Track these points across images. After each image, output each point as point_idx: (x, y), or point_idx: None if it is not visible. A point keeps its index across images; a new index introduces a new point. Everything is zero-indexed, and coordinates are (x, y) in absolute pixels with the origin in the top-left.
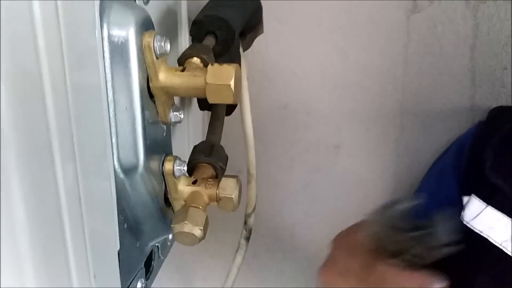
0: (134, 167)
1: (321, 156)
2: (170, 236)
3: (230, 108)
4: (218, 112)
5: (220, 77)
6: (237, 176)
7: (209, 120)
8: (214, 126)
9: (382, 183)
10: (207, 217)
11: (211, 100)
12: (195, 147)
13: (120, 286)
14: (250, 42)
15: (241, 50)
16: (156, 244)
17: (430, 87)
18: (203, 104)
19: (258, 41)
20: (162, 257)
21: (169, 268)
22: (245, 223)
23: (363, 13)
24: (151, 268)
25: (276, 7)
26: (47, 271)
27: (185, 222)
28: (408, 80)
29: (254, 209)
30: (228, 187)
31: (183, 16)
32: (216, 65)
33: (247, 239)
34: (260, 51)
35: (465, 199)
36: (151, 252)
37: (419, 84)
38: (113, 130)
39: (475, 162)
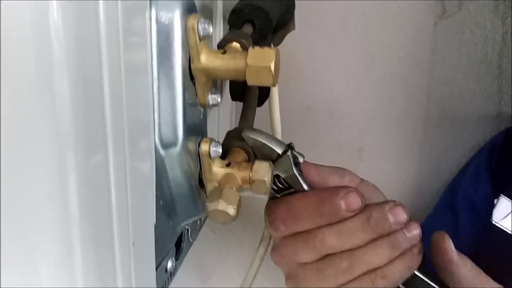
0: (173, 144)
1: (344, 158)
2: (199, 222)
3: (261, 99)
4: (250, 101)
5: (261, 59)
6: (270, 161)
7: (240, 111)
8: (246, 114)
9: (405, 187)
10: (240, 198)
11: (250, 81)
12: (228, 132)
13: (154, 257)
14: (281, 38)
15: (272, 46)
16: (186, 226)
17: (456, 93)
18: (236, 94)
19: (285, 43)
20: (191, 240)
21: (189, 264)
22: None
23: (390, 17)
24: (181, 249)
25: (303, 8)
26: (93, 237)
27: (220, 200)
28: (433, 85)
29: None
30: (261, 170)
31: (218, 9)
32: (257, 47)
33: None
34: (286, 52)
35: (495, 201)
36: (181, 233)
37: (445, 89)
38: (156, 107)
39: (505, 164)
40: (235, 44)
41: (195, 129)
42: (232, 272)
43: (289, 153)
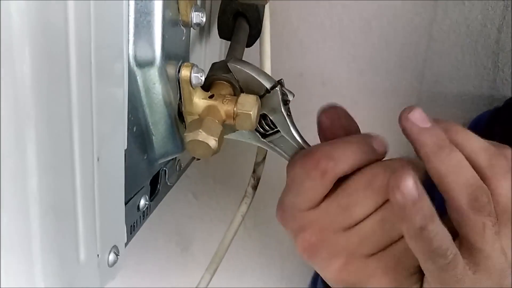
0: (150, 63)
1: None
2: (178, 166)
3: (251, 39)
4: (239, 37)
5: None
6: (257, 95)
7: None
8: (235, 48)
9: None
10: (222, 131)
11: None
12: (213, 64)
13: (123, 180)
14: None
15: None
16: (164, 168)
17: (452, 67)
18: (224, 31)
19: (278, 6)
20: (169, 183)
21: (169, 229)
22: (254, 171)
23: None
24: (157, 190)
25: None
26: (51, 154)
27: (200, 130)
28: (430, 57)
29: (264, 157)
30: (247, 103)
31: None
32: None
33: (255, 188)
34: (280, 15)
35: None
36: (158, 174)
37: (441, 62)
38: (131, 17)
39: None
40: None
41: (176, 51)
42: (213, 240)
43: (278, 88)
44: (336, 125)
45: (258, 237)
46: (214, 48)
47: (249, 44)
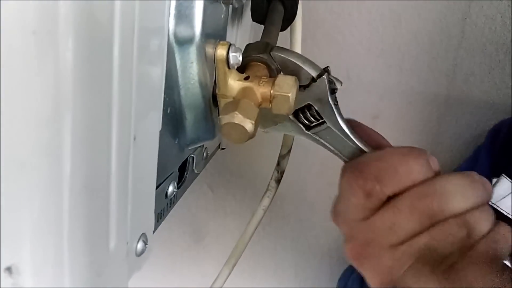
0: (190, 39)
1: None
2: (205, 154)
3: (286, 23)
4: (274, 19)
5: None
6: (295, 76)
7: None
8: (270, 30)
9: None
10: (259, 114)
11: None
12: (248, 44)
13: (156, 158)
14: None
15: None
16: (192, 155)
17: (482, 67)
18: (258, 13)
19: None
20: (195, 171)
21: (183, 220)
22: (278, 164)
23: None
24: (184, 178)
25: None
26: (88, 128)
27: (236, 112)
28: (460, 55)
29: (289, 150)
30: (285, 85)
31: None
32: None
33: (278, 181)
34: (308, 4)
35: (494, 180)
36: (186, 161)
37: (473, 60)
38: None
39: (509, 146)
40: None
41: (214, 29)
42: (227, 234)
43: (325, 76)
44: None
45: (273, 233)
46: (245, 31)
47: (283, 28)
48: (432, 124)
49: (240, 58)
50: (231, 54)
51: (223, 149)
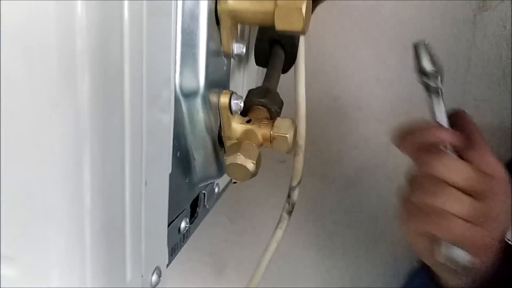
0: (194, 93)
1: (372, 153)
2: (217, 189)
3: (287, 65)
4: (275, 63)
5: (291, 2)
6: (293, 118)
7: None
8: (271, 75)
9: None
10: (260, 154)
11: (278, 25)
12: (250, 90)
13: (167, 201)
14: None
15: None
16: (203, 191)
17: (492, 92)
18: (260, 58)
19: (315, 30)
20: (207, 207)
21: (204, 252)
22: (289, 196)
23: (426, 7)
24: (196, 213)
25: None
26: (104, 177)
27: (238, 154)
28: (470, 81)
29: (299, 182)
30: (283, 126)
31: None
32: None
33: (290, 213)
34: (315, 40)
35: None
36: (198, 197)
37: (481, 87)
38: (178, 51)
39: None
40: None
41: (218, 80)
42: (247, 264)
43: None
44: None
45: (294, 264)
46: (251, 75)
47: (284, 70)
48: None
49: (241, 104)
50: (233, 102)
51: (235, 183)
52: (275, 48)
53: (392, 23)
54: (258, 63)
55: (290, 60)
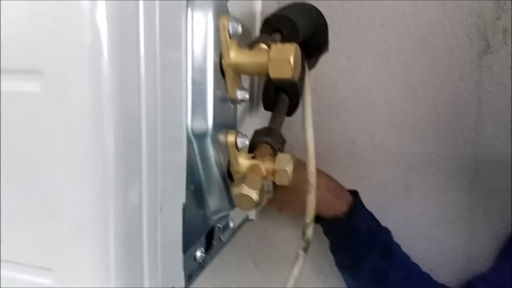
0: (204, 134)
1: (390, 194)
2: (232, 224)
3: (291, 108)
4: (280, 107)
5: (281, 53)
6: (292, 153)
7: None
8: (275, 117)
9: (455, 227)
10: (263, 185)
11: (272, 74)
12: (256, 130)
13: (181, 227)
14: (315, 61)
15: (306, 68)
16: (218, 225)
17: (506, 130)
18: (268, 103)
19: (328, 76)
20: (223, 240)
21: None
22: (304, 233)
23: (433, 52)
24: (212, 245)
25: (345, 43)
26: (126, 202)
27: (243, 185)
28: (482, 121)
29: (313, 219)
30: (283, 161)
31: (257, 18)
32: (279, 43)
33: (305, 250)
34: (328, 86)
35: None
36: (213, 230)
37: (495, 125)
38: (189, 100)
39: None
40: (262, 45)
41: (225, 122)
42: None
43: None
44: None
45: None
46: (262, 118)
47: (289, 113)
48: (464, 189)
49: (246, 142)
50: (238, 140)
51: (251, 220)
52: (280, 94)
53: (400, 68)
54: (265, 107)
55: (293, 105)
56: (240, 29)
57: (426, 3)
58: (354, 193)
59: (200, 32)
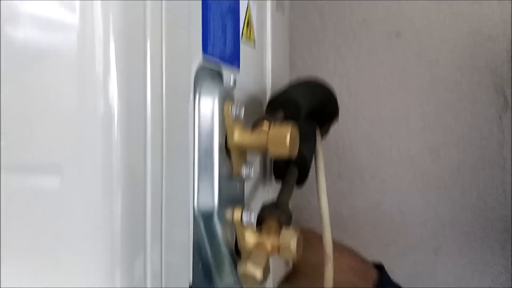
0: (210, 211)
1: (419, 259)
2: None
3: (300, 179)
4: (288, 179)
5: (278, 133)
6: (297, 228)
7: None
8: (283, 189)
9: None
10: (268, 262)
11: (271, 152)
12: (263, 204)
13: None
14: (327, 130)
15: (318, 137)
16: None
17: None
18: (278, 175)
19: (349, 140)
20: None
21: None
22: None
23: (452, 112)
24: None
25: (364, 108)
26: (132, 279)
27: (247, 263)
28: (507, 180)
29: None
30: (287, 236)
31: (267, 91)
32: (277, 124)
33: None
34: (350, 150)
35: None
36: None
37: None
38: (196, 177)
39: None
40: (265, 123)
41: (232, 199)
42: None
43: None
44: None
45: None
46: (276, 190)
47: (300, 184)
48: (497, 252)
49: (251, 218)
50: (244, 216)
51: None
52: (290, 167)
53: (420, 129)
54: (277, 180)
55: (303, 176)
56: (242, 113)
57: (442, 64)
58: (380, 267)
59: (206, 116)
